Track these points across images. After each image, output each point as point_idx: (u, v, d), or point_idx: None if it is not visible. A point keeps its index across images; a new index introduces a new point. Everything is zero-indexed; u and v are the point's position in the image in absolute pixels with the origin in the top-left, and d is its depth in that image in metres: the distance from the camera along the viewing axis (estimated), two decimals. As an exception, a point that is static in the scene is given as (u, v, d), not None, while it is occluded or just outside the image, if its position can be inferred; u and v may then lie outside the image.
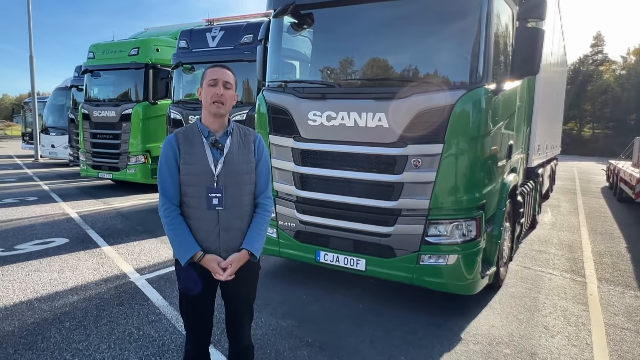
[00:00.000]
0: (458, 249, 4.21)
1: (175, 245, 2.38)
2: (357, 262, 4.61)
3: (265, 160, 2.61)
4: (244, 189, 2.48)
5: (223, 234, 2.41)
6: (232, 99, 2.47)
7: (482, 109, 4.11)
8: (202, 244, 2.40)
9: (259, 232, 2.52)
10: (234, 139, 2.49)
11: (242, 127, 2.58)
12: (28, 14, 20.60)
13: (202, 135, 2.44)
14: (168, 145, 2.41)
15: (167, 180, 2.39)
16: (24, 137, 25.14)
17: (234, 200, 2.43)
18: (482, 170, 4.28)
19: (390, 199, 4.33)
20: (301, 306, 4.62)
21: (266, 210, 2.58)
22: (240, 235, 2.47)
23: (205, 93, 2.41)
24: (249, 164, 2.50)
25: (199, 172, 2.38)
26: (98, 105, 12.28)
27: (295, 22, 5.09)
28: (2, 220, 8.12)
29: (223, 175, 2.40)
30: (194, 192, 2.39)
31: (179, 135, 2.43)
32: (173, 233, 2.37)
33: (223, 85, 2.40)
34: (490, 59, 4.14)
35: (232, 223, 2.44)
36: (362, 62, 4.76)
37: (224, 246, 2.43)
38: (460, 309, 4.62)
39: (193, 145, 2.40)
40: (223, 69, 2.44)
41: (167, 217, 2.37)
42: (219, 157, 2.42)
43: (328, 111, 4.53)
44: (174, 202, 2.40)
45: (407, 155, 4.19)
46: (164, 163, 2.40)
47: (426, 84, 4.20)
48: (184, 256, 2.34)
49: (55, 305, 4.42)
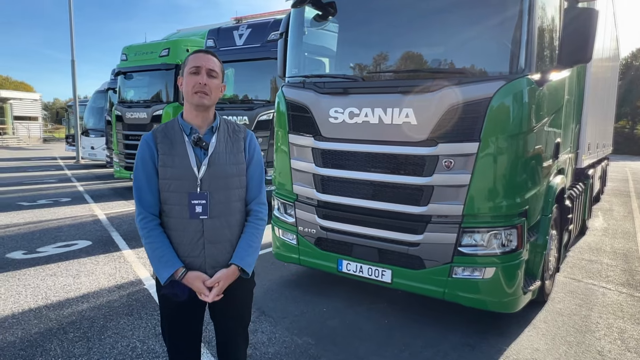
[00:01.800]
0: (496, 261, 3.72)
1: (154, 261, 2.04)
2: (383, 273, 4.19)
3: (258, 160, 2.25)
4: (232, 194, 2.12)
5: (209, 247, 2.07)
6: (217, 89, 2.11)
7: (524, 102, 3.60)
8: (185, 259, 2.06)
9: (251, 244, 2.16)
10: (221, 136, 2.14)
11: (231, 123, 2.23)
12: (70, 20, 21.22)
13: (184, 132, 2.10)
14: (144, 145, 2.07)
15: (143, 186, 2.06)
16: (67, 140, 26.03)
17: (220, 208, 2.08)
18: (524, 172, 3.76)
19: (419, 204, 3.88)
20: (320, 320, 4.24)
21: (259, 219, 2.22)
22: (229, 248, 2.12)
23: (186, 83, 2.07)
24: (238, 165, 2.14)
25: (179, 175, 2.04)
26: (130, 106, 12.33)
27: (315, 12, 4.72)
28: (32, 222, 8.16)
29: (208, 178, 2.05)
30: (174, 199, 2.05)
31: (156, 134, 2.09)
32: (151, 247, 2.04)
33: (207, 73, 2.05)
34: (534, 44, 3.62)
35: (219, 234, 2.09)
36: (388, 52, 4.32)
37: (210, 261, 2.08)
38: (498, 328, 4.11)
39: (173, 145, 2.06)
40: (207, 55, 2.10)
41: (144, 228, 2.04)
42: (203, 157, 2.07)
43: (350, 107, 4.13)
44: (152, 211, 2.07)
45: (438, 156, 3.73)
46: (140, 166, 2.07)
47: (459, 75, 3.73)
48: (163, 274, 2.01)
49: (63, 313, 4.22)
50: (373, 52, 4.41)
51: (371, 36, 4.50)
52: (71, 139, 24.70)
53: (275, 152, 4.93)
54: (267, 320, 4.20)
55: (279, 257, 5.04)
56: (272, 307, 4.52)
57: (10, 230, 7.45)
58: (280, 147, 4.81)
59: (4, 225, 7.85)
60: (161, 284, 2.03)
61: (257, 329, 4.00)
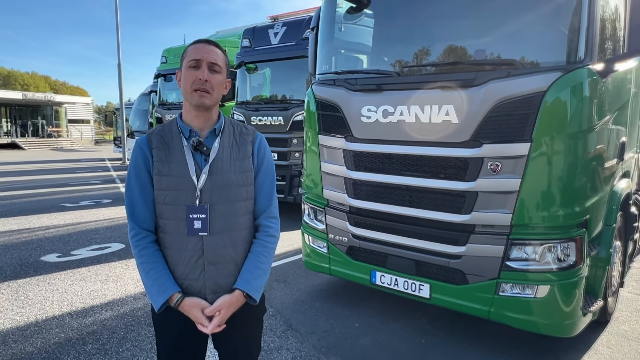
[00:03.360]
0: (552, 278, 3.25)
1: (147, 284, 1.77)
2: (420, 287, 3.80)
3: (269, 167, 1.93)
4: (237, 207, 1.82)
5: (209, 268, 1.78)
6: (221, 86, 1.81)
7: (584, 96, 3.13)
8: (182, 282, 1.78)
9: (259, 265, 1.84)
10: (225, 139, 1.85)
11: (237, 125, 1.93)
12: (116, 25, 21.84)
13: (182, 135, 1.82)
14: (138, 151, 1.80)
15: (136, 198, 1.79)
16: (115, 141, 26.91)
17: (223, 223, 1.79)
18: (585, 177, 3.27)
19: (461, 212, 3.48)
20: (351, 338, 3.90)
21: (269, 235, 1.90)
22: (233, 270, 1.82)
23: (184, 78, 1.78)
24: (244, 172, 1.84)
25: (176, 185, 1.76)
26: (169, 109, 12.44)
27: (348, 5, 4.39)
28: (71, 223, 8.27)
29: (209, 188, 1.77)
30: (170, 212, 1.77)
31: (152, 137, 1.82)
32: (143, 268, 1.76)
33: (208, 67, 1.76)
34: (595, 29, 3.13)
35: (222, 253, 1.79)
36: (426, 44, 3.93)
37: (211, 285, 1.79)
38: (553, 353, 3.63)
39: (170, 150, 1.78)
40: (209, 46, 1.79)
41: (137, 246, 1.78)
42: (204, 164, 1.79)
43: (384, 105, 3.77)
44: (145, 226, 1.80)
45: (483, 158, 3.31)
46: (133, 175, 1.80)
47: (507, 67, 3.29)
48: (157, 299, 1.73)
49: (85, 322, 4.10)
50: (409, 43, 4.02)
51: (408, 26, 4.11)
52: (118, 141, 25.51)
53: (305, 155, 4.64)
54: (293, 335, 3.91)
55: (309, 266, 4.73)
56: (301, 320, 4.22)
57: (49, 232, 7.55)
58: (310, 148, 4.51)
59: (45, 226, 7.99)
60: (155, 311, 1.76)
61: (282, 345, 3.71)
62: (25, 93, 41.61)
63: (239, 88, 10.12)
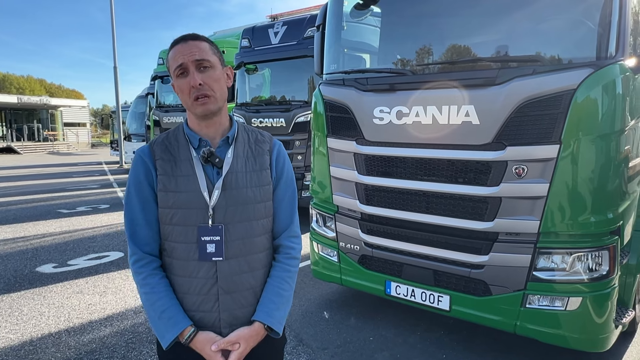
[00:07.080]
0: (583, 290, 3.03)
1: (153, 317, 1.53)
2: (439, 299, 3.58)
3: (289, 179, 1.70)
4: (255, 227, 1.59)
5: (224, 298, 1.55)
6: (220, 81, 1.56)
7: (617, 94, 2.91)
8: (193, 314, 1.55)
9: (281, 292, 1.62)
10: (240, 149, 1.62)
11: (253, 131, 1.70)
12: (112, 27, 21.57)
13: (191, 145, 1.60)
14: (138, 163, 1.57)
15: (137, 217, 1.56)
16: (111, 145, 26.62)
17: (240, 245, 1.56)
18: (617, 180, 3.05)
19: (484, 219, 3.25)
20: (367, 353, 3.67)
21: (292, 257, 1.68)
22: (251, 299, 1.59)
23: (179, 90, 1.54)
24: (262, 186, 1.61)
25: (185, 203, 1.53)
26: (167, 111, 12.20)
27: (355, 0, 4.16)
28: (68, 231, 8.02)
29: (223, 206, 1.54)
30: (178, 234, 1.54)
31: (154, 147, 1.59)
32: (148, 299, 1.53)
33: (196, 67, 1.50)
34: (627, 23, 2.92)
35: (238, 281, 1.56)
36: (444, 39, 3.71)
37: (227, 318, 1.56)
38: (582, 367, 3.42)
39: (176, 162, 1.56)
40: (187, 43, 1.52)
41: (140, 274, 1.54)
42: (216, 178, 1.56)
43: (398, 106, 3.55)
44: (149, 250, 1.57)
45: (507, 161, 3.09)
46: (133, 191, 1.56)
47: (533, 64, 3.07)
48: (165, 335, 1.50)
49: (83, 340, 3.86)
50: (425, 39, 3.80)
51: (423, 20, 3.90)
52: (115, 144, 25.25)
53: (313, 158, 4.41)
54: (305, 351, 3.68)
55: (318, 276, 4.50)
56: (312, 334, 4.00)
57: (45, 241, 7.30)
58: (318, 152, 4.29)
59: (41, 234, 7.73)
60: (162, 348, 1.53)
61: (293, 363, 3.49)
62: (21, 97, 41.26)
63: (238, 89, 9.88)
